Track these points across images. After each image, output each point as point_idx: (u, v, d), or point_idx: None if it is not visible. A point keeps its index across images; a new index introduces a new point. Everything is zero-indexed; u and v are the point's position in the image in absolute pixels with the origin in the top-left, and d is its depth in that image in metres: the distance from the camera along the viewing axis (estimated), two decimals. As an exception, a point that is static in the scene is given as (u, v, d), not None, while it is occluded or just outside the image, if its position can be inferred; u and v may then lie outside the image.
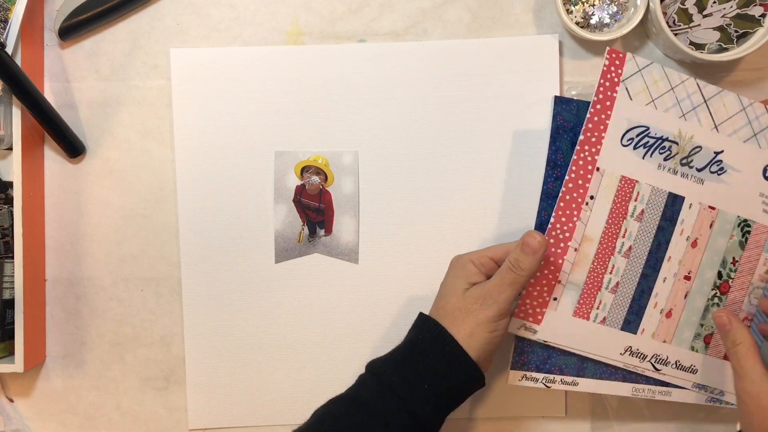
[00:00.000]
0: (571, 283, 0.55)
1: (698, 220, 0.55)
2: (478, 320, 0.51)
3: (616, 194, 0.54)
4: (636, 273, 0.56)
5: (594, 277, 0.55)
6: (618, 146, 0.54)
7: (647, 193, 0.54)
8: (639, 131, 0.54)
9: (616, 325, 0.56)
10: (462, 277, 0.54)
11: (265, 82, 0.65)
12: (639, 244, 0.55)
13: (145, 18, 0.66)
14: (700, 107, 0.55)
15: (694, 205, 0.55)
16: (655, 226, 0.55)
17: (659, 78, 0.55)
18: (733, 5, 0.60)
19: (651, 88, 0.54)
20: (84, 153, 0.67)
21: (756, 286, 0.56)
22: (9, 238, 0.64)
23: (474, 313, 0.52)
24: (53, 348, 0.67)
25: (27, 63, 0.62)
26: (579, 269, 0.55)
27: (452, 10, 0.66)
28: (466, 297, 0.53)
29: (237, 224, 0.66)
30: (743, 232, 0.56)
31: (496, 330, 0.52)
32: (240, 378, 0.67)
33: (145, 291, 0.67)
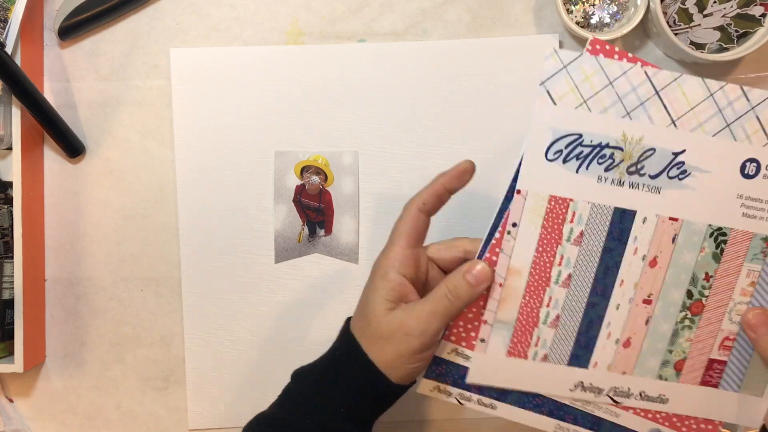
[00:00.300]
0: (500, 321, 0.48)
1: (656, 235, 0.47)
2: (400, 352, 0.45)
3: (546, 218, 0.46)
4: (580, 303, 0.48)
5: (527, 312, 0.48)
6: (542, 162, 0.45)
7: (586, 212, 0.46)
8: (568, 141, 0.45)
9: (561, 361, 0.49)
10: (383, 293, 0.46)
11: (265, 82, 0.65)
12: (580, 270, 0.47)
13: (144, 18, 0.66)
14: (650, 101, 0.44)
15: (650, 219, 0.46)
16: (600, 248, 0.47)
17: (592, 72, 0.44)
18: (733, 5, 0.60)
19: (581, 86, 0.44)
20: (84, 153, 0.67)
21: (738, 302, 0.48)
22: (9, 238, 0.63)
23: (396, 344, 0.45)
24: (53, 348, 0.67)
25: (27, 63, 0.62)
26: (508, 306, 0.47)
27: (452, 10, 0.66)
28: (389, 322, 0.45)
29: (237, 224, 0.66)
30: (717, 243, 0.47)
31: (420, 362, 0.46)
32: (240, 378, 0.67)
33: (145, 291, 0.67)
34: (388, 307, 0.46)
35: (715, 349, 0.49)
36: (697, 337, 0.49)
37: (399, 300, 0.46)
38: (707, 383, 0.49)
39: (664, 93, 0.45)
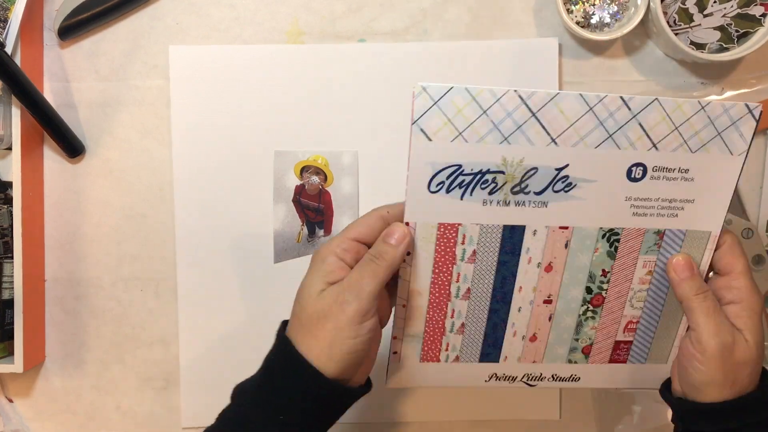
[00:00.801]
0: (408, 335, 0.50)
1: (548, 244, 0.49)
2: (337, 325, 0.43)
3: (438, 243, 0.48)
4: (482, 311, 0.51)
5: (433, 324, 0.51)
6: (426, 195, 0.46)
7: (476, 233, 0.48)
8: (449, 173, 0.46)
9: (472, 360, 0.52)
10: (319, 275, 0.46)
11: (265, 81, 0.65)
12: (478, 284, 0.50)
13: (144, 18, 0.66)
14: (527, 124, 0.45)
15: (540, 231, 0.49)
16: (494, 262, 0.49)
17: (464, 104, 0.44)
18: (733, 5, 0.60)
19: (455, 119, 0.44)
20: (83, 153, 0.67)
21: (637, 290, 0.52)
22: (8, 238, 0.63)
23: (332, 317, 0.44)
24: (53, 348, 0.67)
25: (26, 63, 0.62)
26: (414, 321, 0.50)
27: (452, 9, 0.66)
28: (322, 298, 0.45)
29: (236, 224, 0.66)
30: (611, 242, 0.50)
31: (359, 335, 0.44)
32: (235, 377, 0.66)
33: (144, 291, 0.67)
34: (323, 287, 0.45)
35: (620, 332, 0.53)
36: (601, 324, 0.52)
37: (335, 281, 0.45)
38: (616, 361, 0.54)
39: (541, 114, 0.45)
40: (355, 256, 0.47)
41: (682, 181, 0.48)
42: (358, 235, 0.47)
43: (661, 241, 0.50)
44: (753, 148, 0.65)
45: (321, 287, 0.45)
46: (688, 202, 0.49)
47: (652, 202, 0.49)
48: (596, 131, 0.46)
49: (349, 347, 0.44)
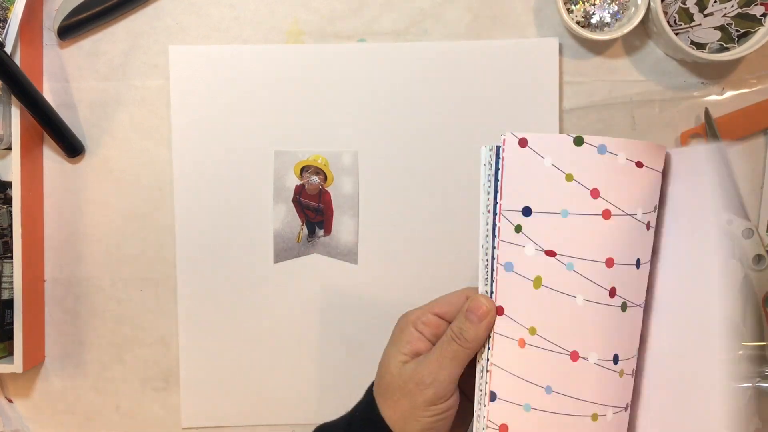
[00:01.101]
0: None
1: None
2: (414, 404, 0.43)
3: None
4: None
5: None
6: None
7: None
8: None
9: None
10: (400, 345, 0.46)
11: (265, 81, 0.65)
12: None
13: (144, 18, 0.66)
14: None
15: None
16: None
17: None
18: (734, 4, 0.60)
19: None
20: (83, 153, 0.67)
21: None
22: (8, 238, 0.63)
23: (410, 396, 0.44)
24: (52, 348, 0.67)
25: (26, 62, 0.62)
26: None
27: (452, 9, 0.66)
28: (401, 374, 0.44)
29: (236, 224, 0.66)
30: None
31: (437, 414, 0.44)
32: (236, 377, 0.67)
33: (144, 291, 0.67)
34: (403, 360, 0.45)
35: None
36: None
37: (415, 355, 0.45)
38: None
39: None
40: (434, 331, 0.46)
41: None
42: (440, 311, 0.46)
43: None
44: (753, 148, 0.65)
45: (400, 358, 0.45)
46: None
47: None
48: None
49: (424, 425, 0.44)
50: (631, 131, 0.66)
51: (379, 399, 0.46)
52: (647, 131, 0.66)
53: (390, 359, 0.46)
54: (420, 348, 0.45)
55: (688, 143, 0.66)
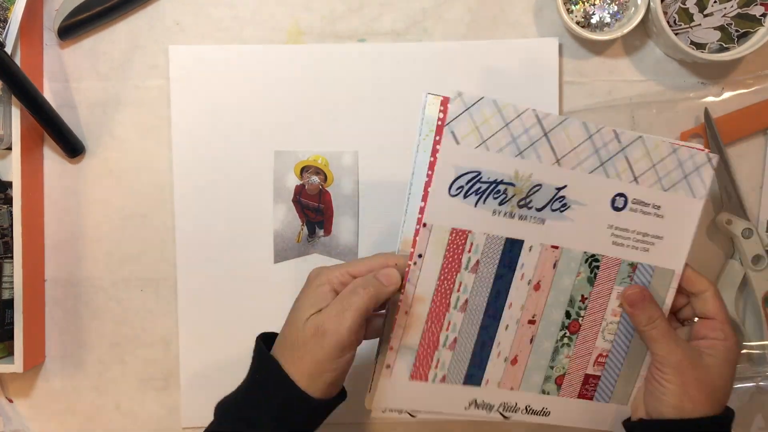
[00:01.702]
0: (404, 347, 0.50)
1: (540, 262, 0.50)
2: (316, 359, 0.44)
3: (447, 248, 0.49)
4: (475, 325, 0.51)
5: (429, 337, 0.50)
6: (446, 198, 0.48)
7: (481, 242, 0.49)
8: (469, 178, 0.48)
9: (457, 381, 0.52)
10: (309, 302, 0.47)
11: (265, 81, 0.65)
12: (475, 295, 0.50)
13: (144, 18, 0.66)
14: (539, 141, 0.48)
15: (535, 247, 0.50)
16: (492, 274, 0.50)
17: (491, 115, 0.47)
18: (733, 5, 0.60)
19: (481, 127, 0.47)
20: (83, 153, 0.67)
21: (609, 322, 0.53)
22: (8, 238, 0.63)
23: (311, 350, 0.44)
24: (53, 348, 0.67)
25: (26, 63, 0.62)
26: (412, 332, 0.50)
27: (452, 9, 0.66)
28: (305, 328, 0.45)
29: (236, 224, 0.66)
30: (591, 268, 0.51)
31: (338, 367, 0.45)
32: (236, 378, 0.66)
33: (144, 291, 0.67)
34: (309, 314, 0.46)
35: (591, 365, 0.54)
36: (575, 353, 0.53)
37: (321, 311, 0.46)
38: (584, 396, 0.54)
39: (552, 134, 0.48)
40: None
41: (655, 217, 0.51)
42: (357, 272, 0.48)
43: (633, 273, 0.52)
44: (753, 148, 0.66)
45: (307, 315, 0.46)
46: (658, 238, 0.51)
47: (629, 233, 0.51)
48: (592, 158, 0.49)
49: (329, 379, 0.45)
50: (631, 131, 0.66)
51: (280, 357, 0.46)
52: (647, 131, 0.65)
53: (297, 314, 0.46)
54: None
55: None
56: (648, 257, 0.52)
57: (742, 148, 0.66)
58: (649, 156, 0.50)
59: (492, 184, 0.48)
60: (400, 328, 0.50)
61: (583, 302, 0.52)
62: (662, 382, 0.49)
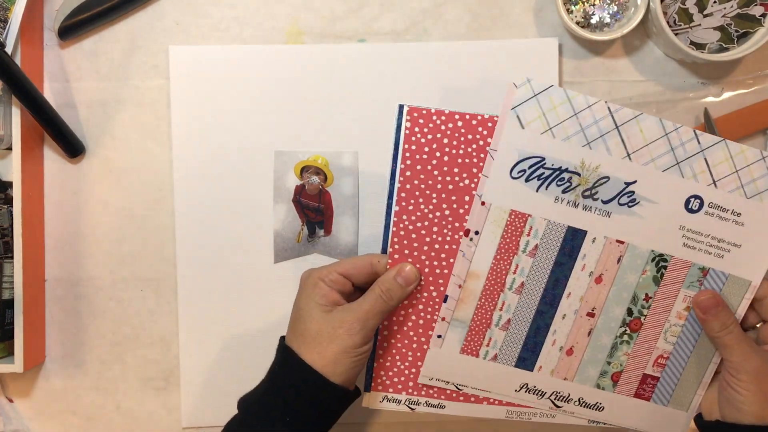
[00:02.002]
0: (456, 320, 0.52)
1: (603, 255, 0.50)
2: (343, 347, 0.49)
3: (505, 229, 0.49)
4: (530, 310, 0.51)
5: (482, 314, 0.51)
6: (507, 179, 0.48)
7: (542, 227, 0.49)
8: (532, 162, 0.48)
9: (509, 362, 0.52)
10: (315, 297, 0.51)
11: (265, 81, 0.65)
12: (532, 280, 0.51)
13: (144, 18, 0.66)
14: (609, 134, 0.48)
15: (599, 239, 0.50)
16: (552, 261, 0.50)
17: (560, 103, 0.48)
18: (733, 5, 0.60)
19: (548, 114, 0.48)
20: (83, 153, 0.67)
21: (673, 324, 0.52)
22: (9, 238, 0.63)
23: (339, 340, 0.49)
24: (53, 348, 0.67)
25: (26, 63, 0.62)
26: (465, 306, 0.51)
27: (452, 9, 0.66)
28: (330, 321, 0.50)
29: (236, 224, 0.66)
30: (658, 267, 0.51)
31: (360, 355, 0.50)
32: (236, 377, 0.67)
33: (144, 291, 0.67)
34: (325, 310, 0.50)
35: (650, 365, 0.53)
36: (634, 352, 0.53)
37: (332, 305, 0.51)
38: (640, 396, 0.54)
39: (624, 128, 0.48)
40: (342, 288, 0.52)
41: (734, 224, 0.50)
42: (345, 271, 0.52)
43: (704, 278, 0.51)
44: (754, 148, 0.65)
45: (322, 310, 0.50)
46: (735, 246, 0.50)
47: (703, 237, 0.50)
48: (667, 155, 0.49)
49: (350, 364, 0.50)
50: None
51: (299, 349, 0.50)
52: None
53: (310, 310, 0.51)
54: (335, 298, 0.51)
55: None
56: (722, 264, 0.51)
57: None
58: (732, 161, 0.49)
59: (556, 171, 0.49)
60: (453, 300, 0.51)
61: (647, 301, 0.52)
62: (739, 389, 0.49)
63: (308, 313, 0.51)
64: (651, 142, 0.48)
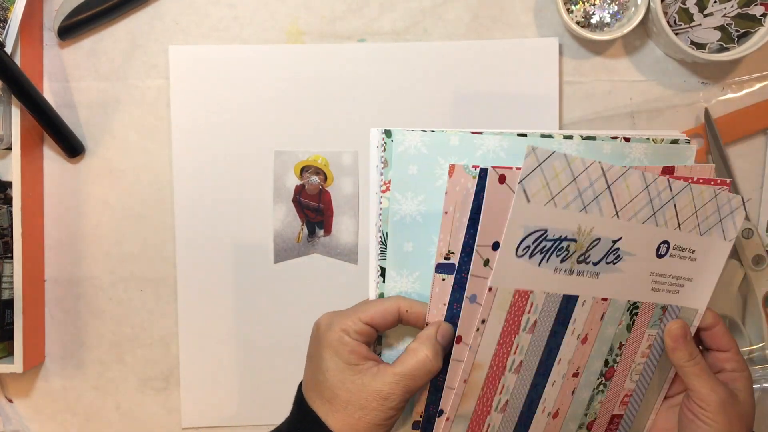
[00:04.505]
0: (459, 416, 0.47)
1: (590, 316, 0.48)
2: (373, 420, 0.44)
3: (509, 311, 0.45)
4: (525, 386, 0.49)
5: (483, 403, 0.48)
6: (513, 259, 0.44)
7: (541, 301, 0.46)
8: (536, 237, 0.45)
9: None
10: (344, 356, 0.45)
11: (265, 81, 0.65)
12: (530, 356, 0.48)
13: (144, 17, 0.66)
14: (602, 195, 0.46)
15: (588, 301, 0.48)
16: (547, 333, 0.48)
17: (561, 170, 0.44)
18: (733, 5, 0.60)
19: (551, 183, 0.44)
20: (83, 153, 0.67)
21: (637, 363, 0.52)
22: (8, 238, 0.63)
23: (369, 411, 0.44)
24: (52, 348, 0.67)
25: (26, 63, 0.62)
26: (468, 400, 0.47)
27: (452, 9, 0.66)
28: (362, 388, 0.44)
29: (236, 224, 0.66)
30: (631, 315, 0.50)
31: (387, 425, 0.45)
32: (236, 377, 0.67)
33: (144, 291, 0.67)
34: (356, 370, 0.44)
35: (617, 406, 0.53)
36: (607, 398, 0.52)
37: (362, 360, 0.45)
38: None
39: (614, 187, 0.46)
40: (368, 338, 0.46)
41: (689, 260, 0.50)
42: (371, 320, 0.46)
43: (663, 316, 0.51)
44: (753, 148, 0.66)
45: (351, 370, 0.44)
46: (687, 280, 0.51)
47: (666, 278, 0.50)
48: (646, 208, 0.47)
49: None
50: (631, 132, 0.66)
51: (329, 417, 0.45)
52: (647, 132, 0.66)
53: (340, 372, 0.45)
54: (363, 353, 0.45)
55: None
56: (677, 298, 0.51)
57: (742, 148, 0.66)
58: (694, 202, 0.49)
59: (556, 242, 0.45)
60: (457, 397, 0.46)
61: (620, 349, 0.51)
62: (706, 419, 0.48)
63: (335, 376, 0.45)
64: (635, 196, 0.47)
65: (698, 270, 0.51)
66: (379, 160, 0.48)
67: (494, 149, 0.48)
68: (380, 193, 0.48)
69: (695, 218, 0.50)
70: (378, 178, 0.48)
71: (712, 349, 0.52)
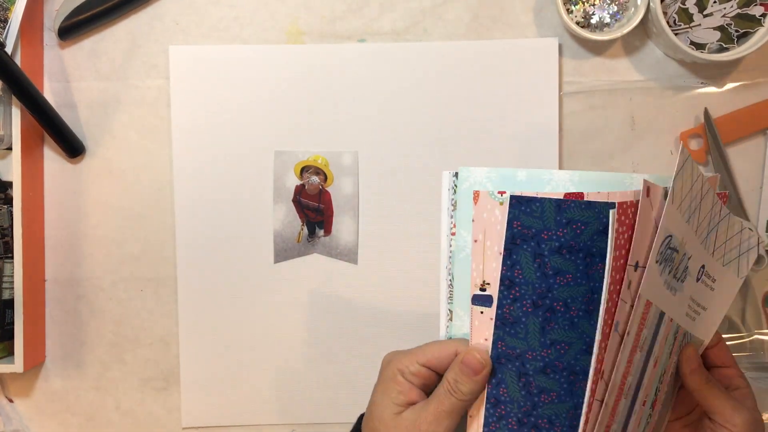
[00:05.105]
0: None
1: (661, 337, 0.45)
2: None
3: (639, 325, 0.42)
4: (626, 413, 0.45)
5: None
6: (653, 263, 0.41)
7: (655, 315, 0.43)
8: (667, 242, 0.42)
9: None
10: (391, 394, 0.45)
11: (265, 81, 0.65)
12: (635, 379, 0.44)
13: (144, 18, 0.66)
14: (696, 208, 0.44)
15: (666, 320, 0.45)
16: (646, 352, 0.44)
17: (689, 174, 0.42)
18: (733, 5, 0.60)
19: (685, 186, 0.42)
20: (83, 153, 0.67)
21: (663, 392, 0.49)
22: (8, 238, 0.63)
23: None
24: (53, 348, 0.67)
25: (26, 63, 0.62)
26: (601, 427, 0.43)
27: (452, 9, 0.66)
28: (398, 423, 0.44)
29: (236, 224, 0.66)
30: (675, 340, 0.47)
31: None
32: (236, 377, 0.67)
33: (144, 291, 0.67)
34: (396, 411, 0.44)
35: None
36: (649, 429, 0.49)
37: (407, 403, 0.45)
38: None
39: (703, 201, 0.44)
40: (424, 381, 0.45)
41: (710, 289, 0.49)
42: (427, 362, 0.45)
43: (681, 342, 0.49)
44: (753, 148, 0.66)
45: (395, 409, 0.44)
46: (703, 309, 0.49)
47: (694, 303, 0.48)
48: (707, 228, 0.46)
49: None
50: (631, 132, 0.66)
51: None
52: (647, 132, 0.66)
53: (383, 409, 0.45)
54: (413, 397, 0.45)
55: (688, 143, 0.66)
56: (693, 326, 0.49)
57: (742, 148, 0.66)
58: (726, 232, 0.48)
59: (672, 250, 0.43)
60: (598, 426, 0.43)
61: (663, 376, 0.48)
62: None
63: (381, 410, 0.45)
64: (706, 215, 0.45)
65: (713, 300, 0.49)
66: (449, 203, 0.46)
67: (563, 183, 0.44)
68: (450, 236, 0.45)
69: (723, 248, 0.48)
70: (448, 221, 0.45)
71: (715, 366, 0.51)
